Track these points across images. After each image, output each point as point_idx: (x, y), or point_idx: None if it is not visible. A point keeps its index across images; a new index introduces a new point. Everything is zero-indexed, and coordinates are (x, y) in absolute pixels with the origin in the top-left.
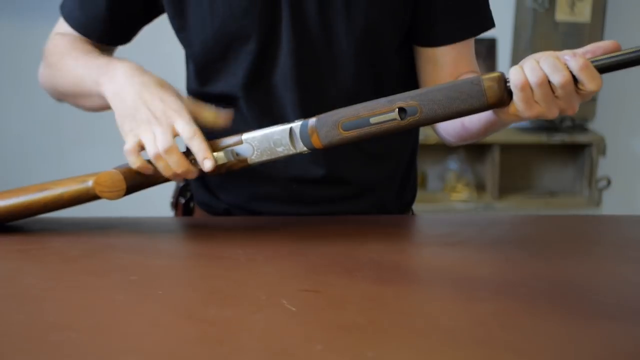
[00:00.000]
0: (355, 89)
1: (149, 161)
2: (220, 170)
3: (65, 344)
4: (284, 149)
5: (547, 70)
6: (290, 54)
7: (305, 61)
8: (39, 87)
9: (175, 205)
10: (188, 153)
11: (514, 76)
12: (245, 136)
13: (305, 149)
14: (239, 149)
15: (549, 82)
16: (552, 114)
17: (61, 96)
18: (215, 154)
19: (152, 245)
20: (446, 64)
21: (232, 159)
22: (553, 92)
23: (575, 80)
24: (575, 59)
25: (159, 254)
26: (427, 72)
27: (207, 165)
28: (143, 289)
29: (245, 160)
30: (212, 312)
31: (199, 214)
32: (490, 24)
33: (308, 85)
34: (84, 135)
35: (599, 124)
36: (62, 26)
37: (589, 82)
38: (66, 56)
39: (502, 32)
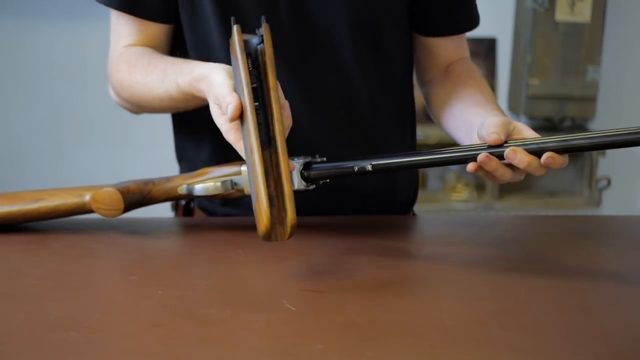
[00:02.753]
0: (356, 74)
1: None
2: (215, 197)
3: (65, 343)
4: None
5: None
6: (290, 40)
7: (304, 48)
8: (39, 88)
9: (175, 206)
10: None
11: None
12: (245, 167)
13: (302, 186)
14: (237, 179)
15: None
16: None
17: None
18: (212, 183)
19: (152, 245)
20: (440, 53)
21: (231, 189)
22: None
23: None
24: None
25: (159, 254)
26: (422, 56)
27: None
28: (143, 289)
29: (242, 190)
30: (212, 312)
31: (198, 215)
32: (478, 21)
33: (308, 72)
34: (83, 135)
35: (599, 124)
36: (117, 37)
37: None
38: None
39: (502, 32)
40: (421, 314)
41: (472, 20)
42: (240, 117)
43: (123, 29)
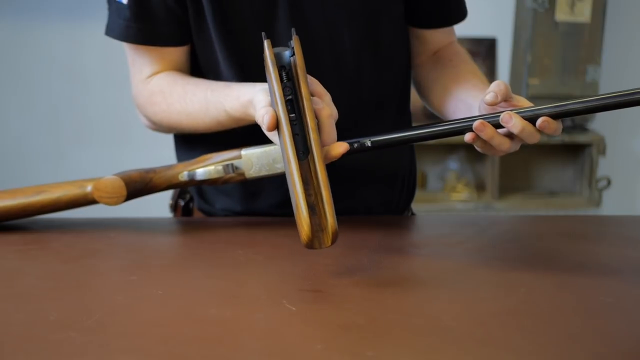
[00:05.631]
0: (357, 80)
1: None
2: (217, 182)
3: (65, 344)
4: (282, 166)
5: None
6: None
7: (306, 55)
8: (39, 88)
9: (174, 207)
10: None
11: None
12: (245, 151)
13: None
14: (238, 163)
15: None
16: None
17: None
18: (214, 167)
19: (152, 245)
20: (431, 41)
21: (232, 172)
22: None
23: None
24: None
25: (159, 254)
26: (412, 44)
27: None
28: (143, 289)
29: (243, 174)
30: (212, 312)
31: (197, 215)
32: (466, 12)
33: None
34: (83, 135)
35: (599, 124)
36: (138, 68)
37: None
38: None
39: (502, 32)
40: (421, 314)
41: (462, 11)
42: (278, 129)
43: (144, 60)
